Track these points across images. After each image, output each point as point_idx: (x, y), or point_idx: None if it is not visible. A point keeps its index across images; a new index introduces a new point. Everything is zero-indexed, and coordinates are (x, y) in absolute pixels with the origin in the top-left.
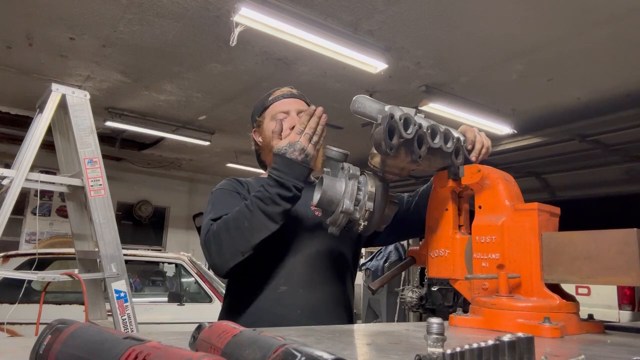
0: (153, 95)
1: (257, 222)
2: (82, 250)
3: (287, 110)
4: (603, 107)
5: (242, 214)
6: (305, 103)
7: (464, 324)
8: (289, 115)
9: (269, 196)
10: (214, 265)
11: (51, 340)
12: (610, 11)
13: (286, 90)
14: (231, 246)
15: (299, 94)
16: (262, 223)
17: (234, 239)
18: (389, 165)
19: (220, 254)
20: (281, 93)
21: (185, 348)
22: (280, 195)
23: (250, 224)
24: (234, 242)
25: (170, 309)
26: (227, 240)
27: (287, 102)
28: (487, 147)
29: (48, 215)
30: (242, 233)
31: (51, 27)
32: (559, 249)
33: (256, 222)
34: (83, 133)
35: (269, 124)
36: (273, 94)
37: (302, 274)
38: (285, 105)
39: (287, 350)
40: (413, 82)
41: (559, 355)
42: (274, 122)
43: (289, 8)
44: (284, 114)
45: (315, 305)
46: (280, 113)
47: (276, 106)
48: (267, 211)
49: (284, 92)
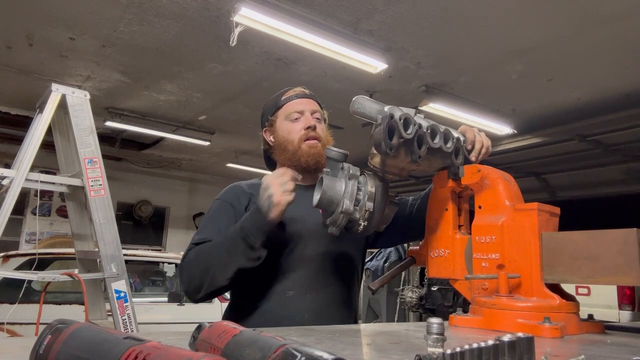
0: (153, 95)
1: (222, 266)
2: (82, 250)
3: (301, 110)
4: (603, 107)
5: (213, 253)
6: (317, 104)
7: (464, 324)
8: (303, 115)
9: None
10: (185, 292)
11: (51, 340)
12: (610, 11)
13: (299, 90)
14: (197, 281)
15: (311, 94)
16: (227, 267)
17: (201, 276)
18: (389, 165)
19: (190, 284)
20: (294, 93)
21: (185, 348)
22: (246, 253)
23: (214, 272)
24: (201, 278)
25: (170, 309)
26: (195, 274)
27: (301, 102)
28: (487, 147)
29: (48, 215)
30: (208, 273)
31: (51, 27)
32: (559, 249)
33: (221, 265)
34: (83, 133)
35: (282, 123)
36: (286, 93)
37: (308, 277)
38: (299, 105)
39: (287, 350)
40: (413, 82)
41: (559, 355)
42: (288, 122)
43: (289, 8)
44: (298, 113)
45: (321, 307)
46: (295, 113)
47: (290, 106)
48: (228, 264)
49: (297, 92)
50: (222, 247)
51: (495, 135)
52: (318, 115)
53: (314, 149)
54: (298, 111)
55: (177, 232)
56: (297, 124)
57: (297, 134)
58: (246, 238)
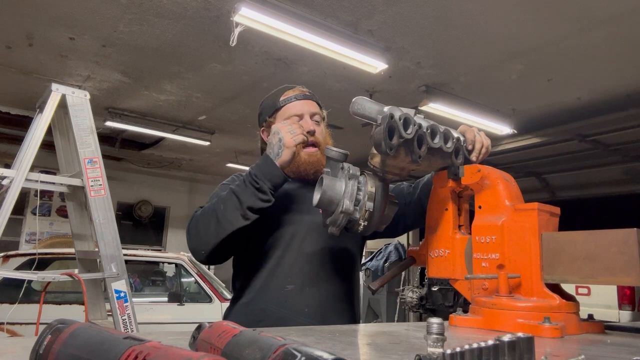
0: (153, 95)
1: (229, 213)
2: (82, 250)
3: (300, 114)
4: (603, 107)
5: (217, 204)
6: (317, 104)
7: (464, 324)
8: (302, 119)
9: (239, 192)
10: (192, 249)
11: (51, 340)
12: (610, 11)
13: (298, 90)
14: (207, 231)
15: (310, 94)
16: (233, 216)
17: (209, 226)
18: (389, 165)
19: (198, 238)
20: (293, 94)
21: (185, 348)
22: (255, 194)
23: (223, 214)
24: (209, 228)
25: (170, 309)
26: (204, 225)
27: (299, 104)
28: (487, 147)
29: (48, 215)
30: (217, 221)
31: (51, 27)
32: (559, 249)
33: (228, 213)
34: (83, 133)
35: None
36: (284, 93)
37: (308, 272)
38: (299, 107)
39: (287, 350)
40: (413, 82)
41: (559, 355)
42: None
43: (289, 8)
44: (297, 117)
45: (322, 302)
46: (293, 117)
47: (289, 108)
48: (238, 206)
49: (296, 92)
50: (230, 194)
51: (495, 135)
52: (317, 117)
53: (313, 157)
54: (297, 114)
55: (177, 232)
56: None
57: (297, 137)
58: (255, 181)
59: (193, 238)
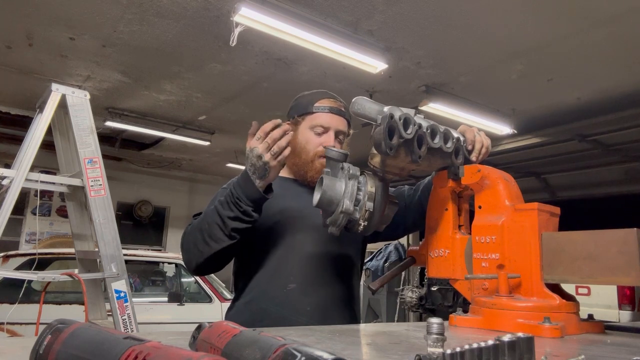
0: (153, 95)
1: (215, 233)
2: (82, 250)
3: (327, 127)
4: (603, 107)
5: (203, 223)
6: (347, 123)
7: (464, 324)
8: (326, 133)
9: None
10: (185, 262)
11: (51, 340)
12: (610, 11)
13: (335, 103)
14: (195, 249)
15: (344, 110)
16: (219, 235)
17: (197, 244)
18: (389, 165)
19: (189, 254)
20: (328, 104)
21: (185, 348)
22: (230, 216)
23: (209, 234)
24: (197, 246)
25: (170, 309)
26: (194, 243)
27: (330, 117)
28: (487, 147)
29: (48, 215)
30: (204, 240)
31: (51, 27)
32: (559, 249)
33: (214, 232)
34: (83, 133)
35: (305, 130)
36: (320, 100)
37: (309, 272)
38: (328, 120)
39: (287, 350)
40: (413, 82)
41: (559, 355)
42: (310, 132)
43: (289, 8)
44: (323, 129)
45: (323, 302)
46: (320, 127)
47: (319, 117)
48: (222, 227)
49: (332, 104)
50: (214, 213)
51: (495, 135)
52: (342, 137)
53: None
54: (324, 126)
55: (177, 232)
56: (318, 139)
57: (314, 147)
58: (238, 204)
59: (185, 253)
